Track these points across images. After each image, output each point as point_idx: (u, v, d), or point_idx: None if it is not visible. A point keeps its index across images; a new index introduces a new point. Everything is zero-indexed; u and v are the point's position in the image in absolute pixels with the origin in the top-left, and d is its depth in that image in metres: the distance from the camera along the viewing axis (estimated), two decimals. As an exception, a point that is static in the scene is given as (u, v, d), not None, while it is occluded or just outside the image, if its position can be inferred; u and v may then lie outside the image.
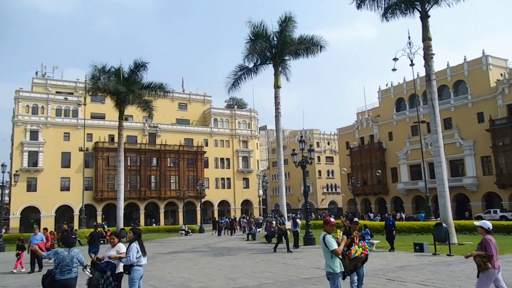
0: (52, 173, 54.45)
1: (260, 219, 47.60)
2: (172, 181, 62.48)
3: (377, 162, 61.62)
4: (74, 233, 26.07)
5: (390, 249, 17.91)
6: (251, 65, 32.24)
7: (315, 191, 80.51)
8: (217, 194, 67.75)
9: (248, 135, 72.84)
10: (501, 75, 49.85)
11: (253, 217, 52.91)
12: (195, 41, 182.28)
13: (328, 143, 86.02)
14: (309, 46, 30.51)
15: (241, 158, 71.09)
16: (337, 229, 7.18)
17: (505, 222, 27.90)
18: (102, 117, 60.54)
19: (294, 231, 21.11)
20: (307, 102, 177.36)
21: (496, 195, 47.73)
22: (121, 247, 8.01)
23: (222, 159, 69.60)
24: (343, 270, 6.61)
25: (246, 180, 71.37)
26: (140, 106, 35.77)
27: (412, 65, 30.70)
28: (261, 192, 71.31)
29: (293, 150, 29.07)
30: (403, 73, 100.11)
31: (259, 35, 30.10)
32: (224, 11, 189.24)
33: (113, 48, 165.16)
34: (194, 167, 64.26)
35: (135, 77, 34.52)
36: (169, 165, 62.46)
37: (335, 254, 6.41)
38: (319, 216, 62.70)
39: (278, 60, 31.20)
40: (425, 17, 21.90)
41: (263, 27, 30.50)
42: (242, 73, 32.45)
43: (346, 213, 48.05)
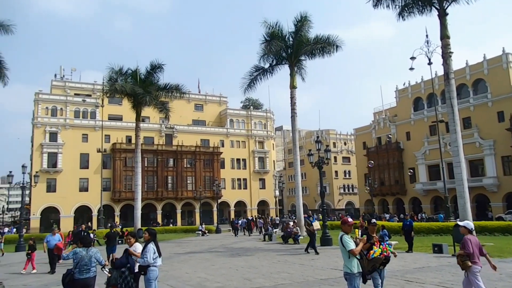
0: (71, 174, 55.29)
1: (276, 219, 47.57)
2: (188, 181, 62.82)
3: (394, 162, 61.04)
4: (87, 232, 26.32)
5: (407, 250, 17.75)
6: (266, 66, 32.35)
7: (332, 191, 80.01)
8: (234, 194, 67.86)
9: (264, 136, 72.73)
10: (522, 73, 48.79)
11: (270, 217, 52.96)
12: (211, 43, 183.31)
13: (344, 143, 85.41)
14: (325, 46, 30.42)
15: (257, 158, 71.05)
16: (355, 229, 7.11)
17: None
18: (119, 119, 61.26)
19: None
20: (323, 102, 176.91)
21: (517, 195, 46.72)
22: (137, 247, 8.07)
23: (238, 160, 69.70)
24: (361, 270, 6.53)
25: (262, 180, 71.29)
26: (156, 107, 36.08)
27: (430, 64, 30.29)
28: (277, 192, 71.26)
29: (310, 150, 28.77)
30: (420, 72, 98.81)
31: (274, 35, 30.11)
32: (240, 12, 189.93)
33: (130, 50, 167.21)
34: (210, 167, 64.48)
35: (151, 79, 34.86)
36: (185, 166, 62.83)
37: (352, 254, 6.36)
38: (335, 217, 62.40)
39: (294, 60, 31.17)
40: (443, 15, 21.57)
41: (279, 27, 30.51)
42: (257, 74, 32.54)
43: (363, 214, 47.65)
